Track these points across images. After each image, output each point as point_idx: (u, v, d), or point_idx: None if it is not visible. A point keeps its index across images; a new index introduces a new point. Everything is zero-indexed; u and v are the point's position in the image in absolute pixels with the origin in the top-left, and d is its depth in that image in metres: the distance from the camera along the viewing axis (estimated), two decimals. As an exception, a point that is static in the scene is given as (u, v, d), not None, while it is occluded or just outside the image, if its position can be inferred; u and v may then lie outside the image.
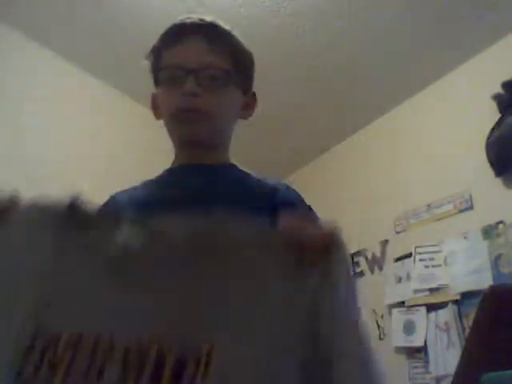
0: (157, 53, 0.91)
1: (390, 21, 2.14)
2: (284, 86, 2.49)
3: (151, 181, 0.93)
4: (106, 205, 0.90)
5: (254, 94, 0.97)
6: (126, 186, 0.95)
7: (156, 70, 0.91)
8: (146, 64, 0.94)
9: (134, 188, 0.93)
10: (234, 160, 0.95)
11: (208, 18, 0.90)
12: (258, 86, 0.98)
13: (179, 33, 0.88)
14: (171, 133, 0.91)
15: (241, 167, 0.94)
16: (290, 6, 2.09)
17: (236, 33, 0.92)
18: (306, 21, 2.15)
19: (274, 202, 0.83)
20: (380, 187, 2.59)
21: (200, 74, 0.85)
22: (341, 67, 2.39)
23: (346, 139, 2.88)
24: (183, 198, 0.81)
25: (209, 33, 0.88)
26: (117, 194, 0.93)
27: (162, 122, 0.93)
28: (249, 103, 0.96)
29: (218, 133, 0.91)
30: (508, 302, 0.92)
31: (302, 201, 0.89)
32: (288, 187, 0.90)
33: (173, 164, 0.94)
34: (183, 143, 0.91)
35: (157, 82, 0.92)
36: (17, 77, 2.14)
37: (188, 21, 0.89)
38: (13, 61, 2.15)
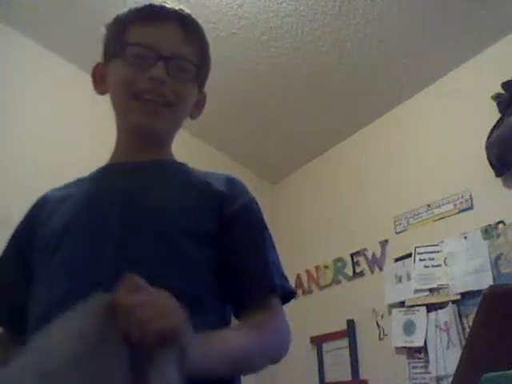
0: (123, 24, 0.87)
1: (389, 21, 2.14)
2: (283, 87, 2.48)
3: (88, 178, 0.88)
4: (36, 204, 0.87)
5: (205, 95, 0.96)
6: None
7: (117, 42, 0.86)
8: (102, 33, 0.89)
9: (67, 186, 0.89)
10: (231, 159, 0.95)
11: (184, 9, 0.88)
12: (256, 86, 0.98)
13: (156, 13, 0.85)
14: (123, 114, 0.86)
15: (239, 167, 0.93)
16: (290, 6, 2.09)
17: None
18: (306, 21, 2.15)
19: (222, 194, 0.83)
20: (380, 187, 2.59)
21: (171, 63, 0.82)
22: (340, 67, 2.39)
23: (345, 139, 2.87)
24: (125, 197, 0.79)
25: (186, 23, 0.86)
26: (49, 192, 0.88)
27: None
28: (199, 102, 0.94)
29: (173, 127, 0.89)
30: (508, 302, 0.92)
31: (248, 192, 0.88)
32: (234, 179, 0.88)
33: (114, 158, 0.90)
34: (135, 130, 0.86)
35: (111, 55, 0.87)
36: (16, 76, 2.14)
37: (166, 5, 0.86)
38: (12, 60, 2.15)
